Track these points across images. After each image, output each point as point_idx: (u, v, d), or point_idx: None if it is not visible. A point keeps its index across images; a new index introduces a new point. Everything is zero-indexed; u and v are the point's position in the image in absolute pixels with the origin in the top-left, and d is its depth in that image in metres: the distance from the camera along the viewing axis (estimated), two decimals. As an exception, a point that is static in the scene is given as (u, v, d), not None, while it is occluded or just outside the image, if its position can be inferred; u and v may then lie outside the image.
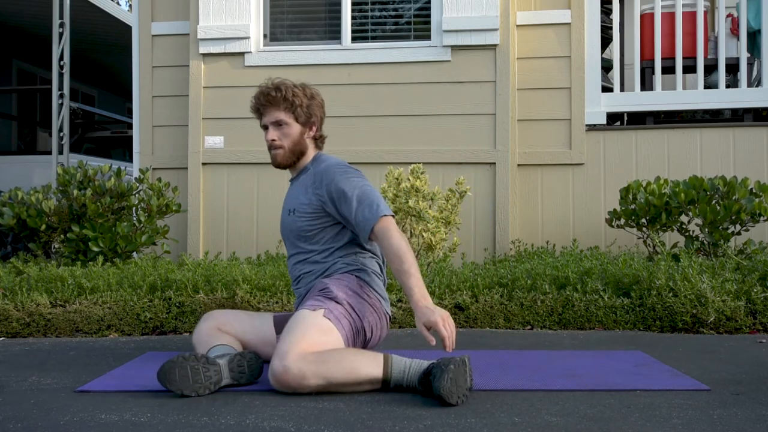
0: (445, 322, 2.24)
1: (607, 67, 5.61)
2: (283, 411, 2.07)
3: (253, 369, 2.38)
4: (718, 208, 4.04)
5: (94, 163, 6.13)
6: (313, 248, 2.62)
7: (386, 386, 2.24)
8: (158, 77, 5.43)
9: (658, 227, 4.24)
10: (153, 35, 5.45)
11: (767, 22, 5.02)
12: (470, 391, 2.17)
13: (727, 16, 5.36)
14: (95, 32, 9.28)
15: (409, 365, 2.24)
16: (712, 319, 3.33)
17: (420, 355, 2.39)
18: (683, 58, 5.13)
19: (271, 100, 2.64)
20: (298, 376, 2.18)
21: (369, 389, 2.26)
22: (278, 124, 2.64)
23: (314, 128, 2.71)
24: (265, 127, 2.67)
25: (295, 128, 2.65)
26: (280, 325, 2.54)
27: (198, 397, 2.23)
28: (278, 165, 2.69)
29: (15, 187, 4.80)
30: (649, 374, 2.49)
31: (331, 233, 2.61)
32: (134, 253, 4.65)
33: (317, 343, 2.28)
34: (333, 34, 5.27)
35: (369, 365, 2.24)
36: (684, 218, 4.37)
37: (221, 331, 2.60)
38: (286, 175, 2.79)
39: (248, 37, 5.18)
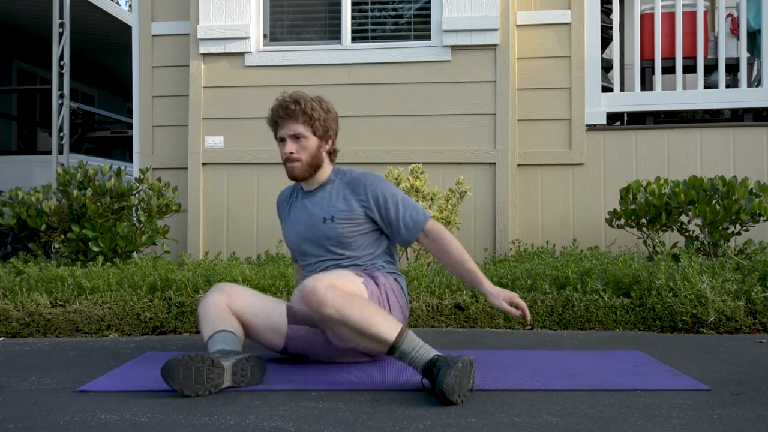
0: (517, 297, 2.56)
1: (607, 67, 5.61)
2: (283, 411, 2.07)
3: (255, 373, 2.37)
4: (718, 208, 4.04)
5: (94, 163, 6.13)
6: (353, 254, 2.68)
7: (391, 352, 2.28)
8: (158, 77, 5.43)
9: (658, 227, 4.24)
10: (153, 35, 5.45)
11: (767, 22, 5.02)
12: (470, 392, 2.17)
13: (727, 16, 5.36)
14: (95, 32, 9.28)
15: (420, 346, 2.27)
16: (712, 319, 3.33)
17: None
18: (683, 58, 5.14)
19: (289, 113, 2.67)
20: (321, 300, 2.27)
21: (374, 349, 2.37)
22: (296, 137, 2.67)
23: (330, 142, 2.76)
24: (282, 140, 2.70)
25: (313, 141, 2.69)
26: (294, 317, 2.58)
27: (198, 397, 2.23)
28: (295, 178, 2.71)
29: (15, 187, 4.80)
30: (649, 374, 2.49)
31: (371, 239, 2.69)
32: (134, 253, 4.65)
33: (348, 290, 2.39)
34: (333, 34, 5.27)
35: (386, 325, 2.29)
36: (684, 218, 4.37)
37: (229, 310, 2.59)
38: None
39: (248, 37, 5.18)
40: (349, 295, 2.34)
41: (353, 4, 5.25)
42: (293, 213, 2.79)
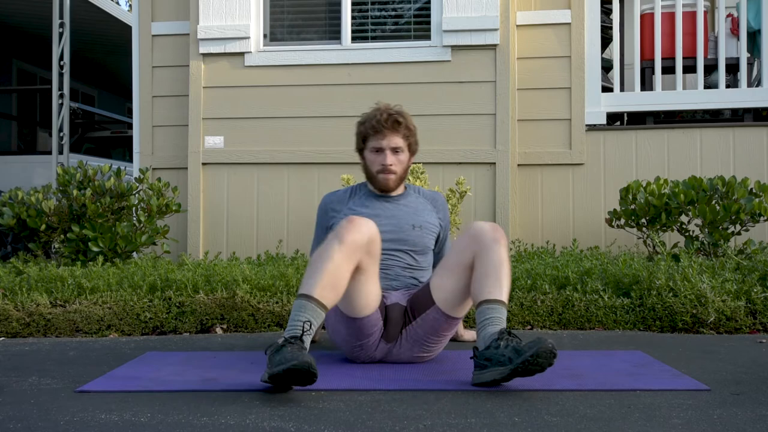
0: None
1: (607, 67, 5.61)
2: (283, 411, 2.07)
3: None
4: (718, 208, 4.04)
5: (94, 163, 6.13)
6: (426, 264, 2.82)
7: (485, 303, 2.43)
8: (158, 77, 5.44)
9: (658, 227, 4.24)
10: (153, 35, 5.45)
11: (767, 22, 5.02)
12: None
13: (727, 16, 5.36)
14: (95, 32, 9.28)
15: (501, 316, 2.42)
16: (712, 319, 3.33)
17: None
18: (683, 58, 5.14)
19: (396, 126, 2.75)
20: (503, 236, 2.52)
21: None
22: (396, 150, 2.76)
23: (412, 159, 2.89)
24: (380, 150, 2.76)
25: (407, 157, 2.81)
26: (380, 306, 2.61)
27: (198, 398, 2.23)
28: (387, 189, 2.80)
29: (15, 187, 4.80)
30: (649, 374, 2.49)
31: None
32: (134, 253, 4.65)
33: None
34: (333, 34, 5.27)
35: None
36: (684, 218, 4.37)
37: (355, 265, 2.44)
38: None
39: (248, 37, 5.18)
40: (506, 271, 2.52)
41: (353, 4, 5.25)
42: (372, 210, 2.79)
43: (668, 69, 5.26)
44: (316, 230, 3.00)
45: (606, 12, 5.61)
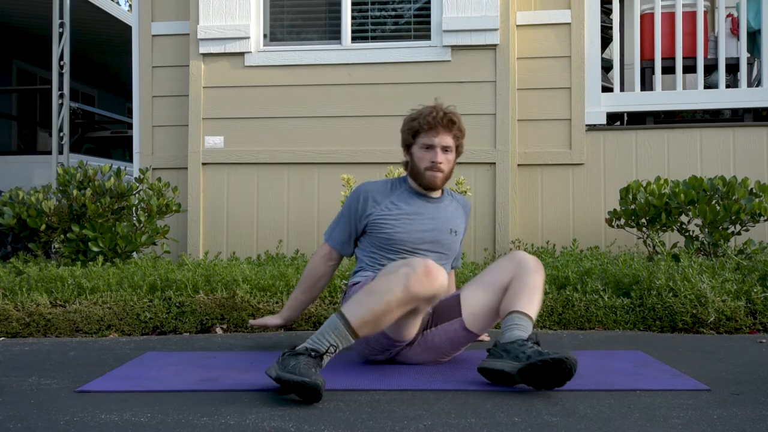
0: None
1: (607, 67, 5.61)
2: (283, 411, 2.07)
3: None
4: (718, 208, 4.04)
5: (94, 163, 6.13)
6: (446, 269, 2.81)
7: (513, 313, 2.47)
8: (158, 77, 5.44)
9: (658, 227, 4.24)
10: (153, 35, 5.45)
11: (767, 22, 5.02)
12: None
13: (727, 16, 5.36)
14: (95, 32, 9.28)
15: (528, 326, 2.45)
16: (712, 319, 3.33)
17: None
18: (683, 58, 5.14)
19: (450, 125, 2.73)
20: (544, 273, 2.58)
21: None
22: (446, 149, 2.74)
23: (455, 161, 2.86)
24: (431, 147, 2.72)
25: (453, 157, 2.79)
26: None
27: (198, 398, 2.23)
28: (433, 187, 2.76)
29: (15, 187, 4.80)
30: (649, 374, 2.49)
31: None
32: (134, 253, 4.65)
33: None
34: (333, 34, 5.27)
35: None
36: (684, 218, 4.37)
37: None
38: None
39: (248, 37, 5.18)
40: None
41: (353, 4, 5.25)
42: (414, 209, 2.75)
43: (668, 69, 5.27)
44: (342, 214, 2.85)
45: (606, 12, 5.61)
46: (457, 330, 2.61)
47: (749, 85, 5.31)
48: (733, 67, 5.33)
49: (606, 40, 5.65)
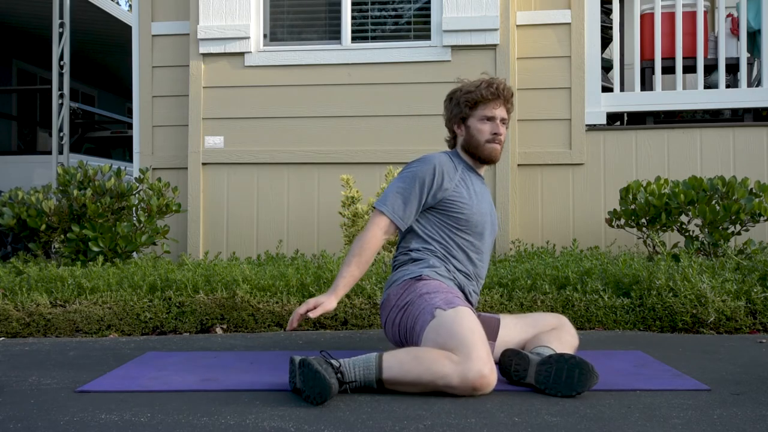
0: None
1: (607, 67, 5.61)
2: (283, 411, 2.07)
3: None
4: (718, 208, 4.04)
5: (94, 163, 6.13)
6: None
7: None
8: (158, 77, 5.43)
9: (658, 227, 4.24)
10: (153, 35, 5.45)
11: (767, 22, 5.02)
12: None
13: (727, 16, 5.36)
14: (95, 32, 9.28)
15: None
16: (712, 319, 3.33)
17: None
18: (683, 58, 5.13)
19: (509, 95, 2.67)
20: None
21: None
22: (504, 121, 2.67)
23: None
24: (491, 119, 2.63)
25: (506, 130, 2.70)
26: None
27: (198, 398, 2.23)
28: (494, 160, 2.68)
29: (15, 187, 4.80)
30: (649, 374, 2.49)
31: None
32: (134, 253, 4.65)
33: None
34: (333, 34, 5.27)
35: None
36: (684, 218, 4.37)
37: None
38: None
39: (248, 37, 5.18)
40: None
41: (353, 4, 5.25)
42: (474, 189, 2.64)
43: (668, 69, 5.26)
44: (409, 185, 2.57)
45: (606, 12, 5.61)
46: None
47: (749, 85, 5.31)
48: (733, 67, 5.32)
49: (606, 40, 5.65)
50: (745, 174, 4.81)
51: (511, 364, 2.34)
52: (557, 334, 2.49)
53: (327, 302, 2.45)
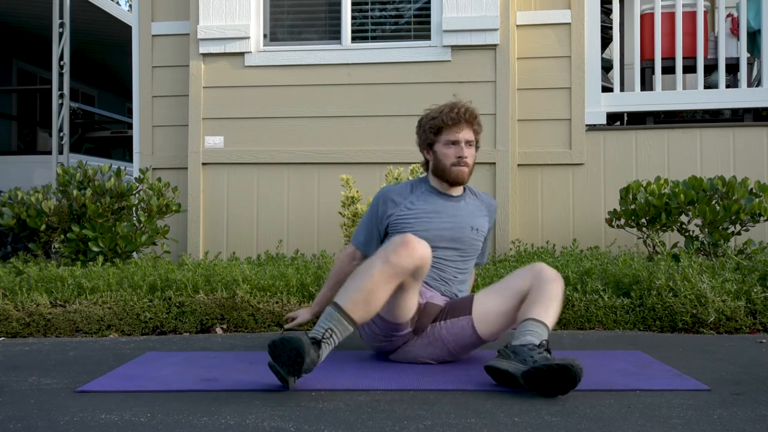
0: None
1: (607, 67, 5.61)
2: (283, 411, 2.07)
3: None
4: (718, 208, 4.04)
5: (94, 163, 6.13)
6: (469, 268, 2.86)
7: (530, 320, 2.44)
8: (158, 77, 5.43)
9: (658, 227, 4.24)
10: (153, 35, 5.45)
11: (767, 22, 5.02)
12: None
13: (727, 16, 5.36)
14: (95, 32, 9.28)
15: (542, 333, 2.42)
16: (712, 319, 3.33)
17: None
18: (683, 58, 5.13)
19: (471, 119, 2.77)
20: (563, 284, 2.56)
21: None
22: (470, 143, 2.78)
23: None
24: (456, 143, 2.75)
25: (474, 152, 2.82)
26: (421, 313, 2.64)
27: (198, 398, 2.23)
28: (461, 182, 2.80)
29: (15, 187, 4.80)
30: (649, 374, 2.49)
31: None
32: (134, 253, 4.65)
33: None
34: (333, 34, 5.27)
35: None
36: (684, 218, 4.37)
37: (398, 282, 2.41)
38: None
39: (248, 37, 5.18)
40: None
41: (353, 4, 5.25)
42: (434, 207, 2.79)
43: (668, 69, 5.26)
44: (365, 216, 2.92)
45: (606, 12, 5.61)
46: (464, 327, 2.62)
47: (749, 85, 5.31)
48: (733, 67, 5.32)
49: (606, 40, 5.65)
50: (745, 174, 4.81)
51: (501, 382, 2.35)
52: (536, 296, 2.51)
53: (302, 315, 2.91)
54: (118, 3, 14.15)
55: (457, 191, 2.85)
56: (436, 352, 2.68)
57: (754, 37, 5.37)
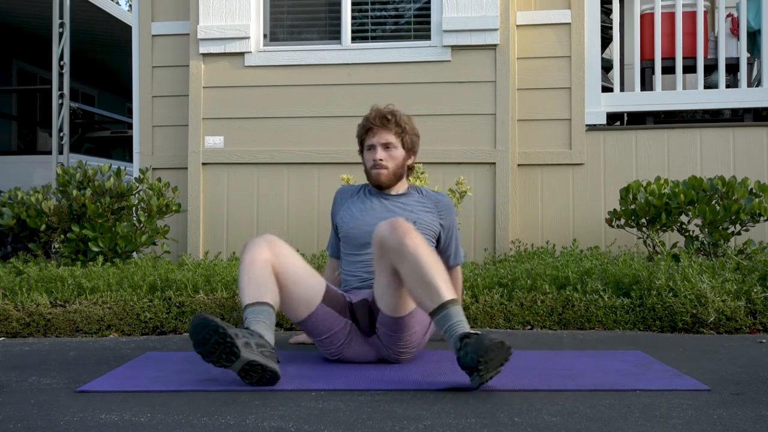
0: None
1: (607, 67, 5.61)
2: (283, 411, 2.07)
3: (262, 381, 2.35)
4: (718, 208, 4.04)
5: (94, 163, 6.13)
6: None
7: (436, 312, 2.33)
8: (158, 77, 5.44)
9: (658, 227, 4.24)
10: (153, 35, 5.45)
11: (767, 22, 5.02)
12: (496, 374, 2.27)
13: (727, 16, 5.36)
14: (95, 32, 9.28)
15: (463, 320, 2.33)
16: (712, 319, 3.33)
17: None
18: (683, 58, 5.14)
19: (385, 123, 2.85)
20: (409, 229, 2.42)
21: (420, 303, 2.41)
22: (387, 146, 2.86)
23: (413, 157, 2.98)
24: (372, 147, 2.87)
25: (401, 153, 2.89)
26: (329, 298, 2.64)
27: (198, 398, 2.23)
28: (380, 184, 2.88)
29: (15, 187, 4.80)
30: (649, 374, 2.49)
31: None
32: (134, 253, 4.65)
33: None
34: (333, 34, 5.27)
35: (445, 284, 2.37)
36: (684, 218, 4.37)
37: (272, 270, 2.57)
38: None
39: (248, 37, 5.18)
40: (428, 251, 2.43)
41: (353, 4, 5.25)
42: (366, 205, 2.90)
43: (668, 69, 5.27)
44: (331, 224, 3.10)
45: (606, 12, 5.61)
46: (387, 322, 2.59)
47: (749, 85, 5.31)
48: (733, 67, 5.33)
49: (606, 40, 5.65)
50: (745, 174, 4.81)
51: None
52: (408, 276, 2.42)
53: (304, 335, 3.09)
54: (118, 3, 14.15)
55: (398, 189, 2.93)
56: (399, 345, 2.64)
57: (754, 37, 5.37)
